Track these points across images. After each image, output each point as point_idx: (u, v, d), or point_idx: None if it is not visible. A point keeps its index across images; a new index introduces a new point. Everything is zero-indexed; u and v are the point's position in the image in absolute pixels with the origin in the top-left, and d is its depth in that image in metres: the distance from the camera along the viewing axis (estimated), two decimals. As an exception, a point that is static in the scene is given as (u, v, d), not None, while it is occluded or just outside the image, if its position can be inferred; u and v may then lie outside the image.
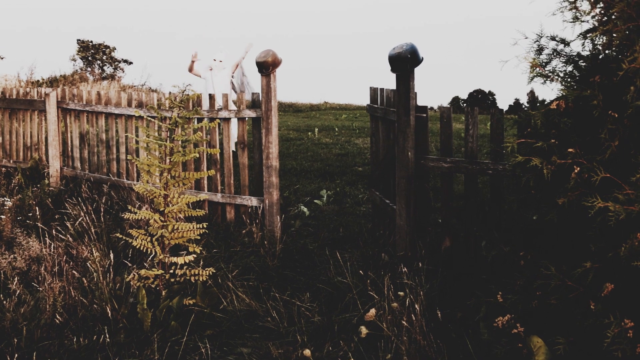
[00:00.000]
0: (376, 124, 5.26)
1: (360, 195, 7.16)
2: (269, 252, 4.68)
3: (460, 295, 3.52)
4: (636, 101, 2.28)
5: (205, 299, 3.77)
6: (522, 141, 2.84)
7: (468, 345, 3.02)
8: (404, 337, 3.00)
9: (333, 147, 11.22)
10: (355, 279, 3.91)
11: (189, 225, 3.78)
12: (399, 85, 4.29)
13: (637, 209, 2.18)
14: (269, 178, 5.13)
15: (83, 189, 6.00)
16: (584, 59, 2.94)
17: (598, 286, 2.41)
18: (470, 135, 4.07)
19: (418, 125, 4.31)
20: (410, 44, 4.23)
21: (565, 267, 2.54)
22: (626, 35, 2.50)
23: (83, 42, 27.38)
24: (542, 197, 2.88)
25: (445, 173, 4.23)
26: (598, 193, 2.41)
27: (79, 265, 3.99)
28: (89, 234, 4.37)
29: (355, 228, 5.59)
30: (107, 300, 3.42)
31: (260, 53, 5.07)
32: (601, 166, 2.41)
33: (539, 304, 2.73)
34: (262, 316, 3.71)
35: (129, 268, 4.03)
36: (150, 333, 3.36)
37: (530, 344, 2.60)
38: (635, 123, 2.42)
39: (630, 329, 2.23)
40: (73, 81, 22.74)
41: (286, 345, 3.28)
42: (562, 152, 2.67)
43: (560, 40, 3.02)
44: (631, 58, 2.29)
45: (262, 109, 5.14)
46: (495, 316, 2.94)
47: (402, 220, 4.34)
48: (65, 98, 6.86)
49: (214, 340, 3.48)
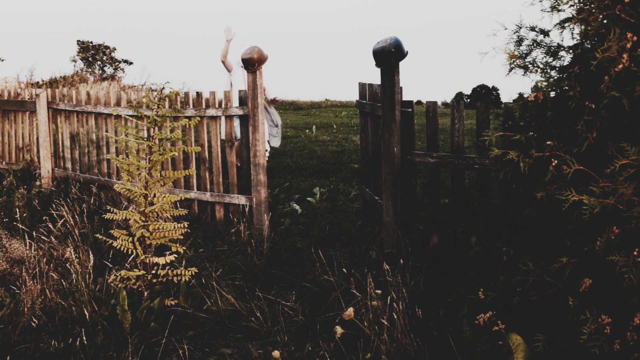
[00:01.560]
0: (365, 120, 5.20)
1: (354, 192, 7.10)
2: (256, 250, 4.63)
3: (444, 293, 3.47)
4: (611, 91, 2.22)
5: (188, 300, 3.72)
6: (501, 134, 2.78)
7: (451, 343, 2.96)
8: (384, 336, 2.95)
9: (330, 144, 11.16)
10: (340, 278, 3.85)
11: (171, 225, 3.74)
12: (384, 79, 4.23)
13: (612, 202, 2.12)
14: (256, 176, 5.08)
15: (73, 190, 5.97)
16: (564, 49, 2.88)
17: (576, 281, 2.35)
18: (456, 129, 4.01)
19: (404, 120, 4.24)
20: (394, 37, 4.16)
21: (544, 263, 2.48)
22: (602, 24, 2.43)
23: (83, 43, 27.37)
24: (524, 191, 2.81)
25: (431, 168, 4.17)
26: (576, 186, 2.35)
27: (60, 267, 3.95)
28: (73, 235, 4.33)
29: (346, 225, 5.53)
30: (86, 302, 3.38)
31: (246, 50, 5.01)
32: (576, 159, 2.35)
33: (520, 300, 2.67)
34: (245, 316, 3.66)
35: (111, 269, 3.99)
36: (129, 335, 3.32)
37: (509, 341, 2.54)
38: (613, 114, 2.36)
39: (607, 325, 2.17)
40: (73, 82, 22.75)
41: (266, 346, 3.23)
42: (541, 144, 2.60)
43: (540, 30, 2.95)
44: (605, 47, 2.22)
45: (249, 107, 5.08)
46: (477, 313, 2.88)
47: (389, 216, 4.28)
48: (56, 98, 6.83)
49: (196, 341, 3.43)
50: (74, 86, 21.93)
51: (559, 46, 2.90)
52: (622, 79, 2.24)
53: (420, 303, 3.33)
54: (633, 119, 2.25)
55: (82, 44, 27.25)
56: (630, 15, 2.33)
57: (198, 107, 5.51)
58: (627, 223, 2.15)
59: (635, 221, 2.11)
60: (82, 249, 4.11)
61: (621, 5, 2.33)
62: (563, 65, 2.86)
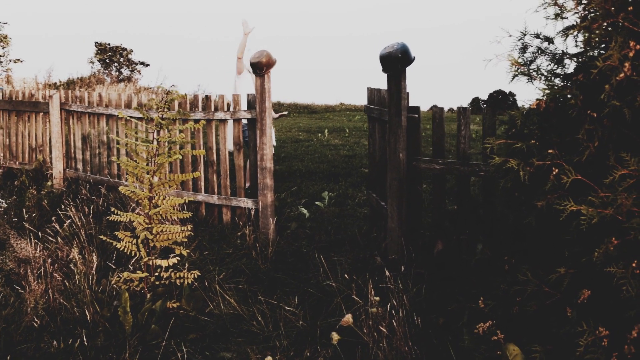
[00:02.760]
0: (373, 125, 5.19)
1: (363, 197, 7.08)
2: (261, 254, 4.63)
3: (446, 301, 3.44)
4: (612, 100, 2.19)
5: (191, 302, 3.73)
6: (503, 142, 2.75)
7: (450, 352, 2.94)
8: (383, 343, 2.93)
9: (341, 148, 11.15)
10: (342, 284, 3.84)
11: (175, 228, 3.75)
12: (391, 85, 4.22)
13: (610, 213, 2.09)
14: (263, 180, 5.09)
15: (83, 190, 6.02)
16: (569, 57, 2.85)
17: (575, 293, 2.32)
18: (462, 136, 3.98)
19: (410, 126, 4.23)
20: (401, 43, 4.15)
21: (543, 273, 2.45)
22: (606, 31, 2.40)
23: (101, 44, 27.66)
24: (525, 200, 2.78)
25: (437, 175, 4.15)
26: (576, 196, 2.32)
27: (65, 268, 3.98)
28: (79, 236, 4.36)
29: (353, 230, 5.51)
30: (88, 304, 3.40)
31: (255, 53, 5.03)
32: (577, 168, 2.32)
33: (519, 310, 2.64)
34: (247, 320, 3.66)
35: (115, 271, 4.01)
36: (130, 336, 3.33)
37: (507, 352, 2.51)
38: (615, 123, 2.32)
39: (605, 337, 2.13)
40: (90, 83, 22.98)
41: (265, 351, 3.22)
42: (543, 153, 2.57)
43: (544, 38, 2.92)
44: (606, 55, 2.19)
45: (257, 110, 5.10)
46: (477, 322, 2.85)
47: (393, 222, 4.26)
48: (68, 100, 6.90)
49: (197, 344, 3.43)
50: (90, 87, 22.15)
51: (563, 54, 2.87)
52: (623, 88, 2.21)
53: (421, 311, 3.31)
54: (634, 128, 2.21)
55: (100, 46, 27.54)
56: (634, 24, 2.30)
57: (207, 110, 5.53)
58: (627, 234, 2.11)
59: (635, 232, 2.07)
60: (88, 250, 4.14)
61: (624, 13, 2.30)
62: (567, 73, 2.83)
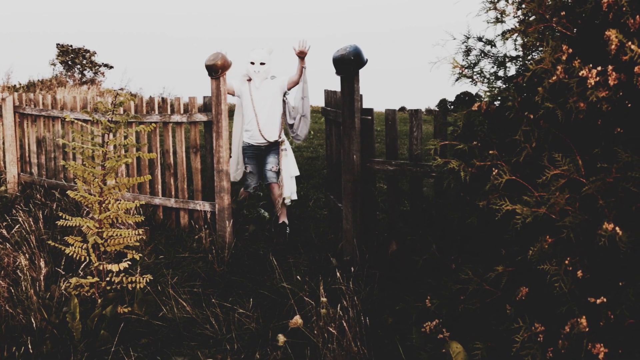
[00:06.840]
0: (330, 127, 5.22)
1: (323, 198, 7.10)
2: (217, 257, 4.61)
3: (396, 301, 3.47)
4: (546, 102, 2.25)
5: (143, 307, 3.69)
6: (446, 143, 2.80)
7: (399, 351, 2.97)
8: (332, 344, 2.94)
9: (305, 150, 11.15)
10: (297, 286, 3.85)
11: (125, 232, 3.71)
12: (344, 87, 4.24)
13: (543, 211, 2.14)
14: (220, 182, 5.06)
15: (37, 195, 5.90)
16: (510, 60, 2.91)
17: (513, 290, 2.37)
18: (415, 137, 4.03)
19: (364, 128, 4.26)
20: (354, 45, 4.18)
21: (482, 271, 2.50)
22: (543, 35, 2.46)
23: (63, 46, 27.11)
24: (470, 200, 2.83)
25: (391, 176, 4.19)
26: (514, 196, 2.37)
27: (13, 274, 3.89)
28: (29, 241, 4.27)
29: (311, 232, 5.53)
30: (35, 310, 3.33)
31: (210, 56, 5.00)
32: (514, 168, 2.37)
33: (463, 308, 2.69)
34: (201, 324, 3.64)
35: (65, 276, 3.94)
36: (79, 342, 3.28)
37: (450, 349, 2.55)
38: (551, 125, 2.39)
39: (540, 333, 2.18)
40: (51, 86, 22.49)
41: (217, 354, 3.21)
42: (484, 154, 2.63)
43: (487, 41, 2.98)
44: (538, 59, 2.25)
45: (213, 113, 5.07)
46: (426, 321, 2.89)
47: (348, 223, 4.29)
48: (22, 103, 6.75)
49: (149, 348, 3.40)
50: (52, 90, 21.69)
51: (505, 56, 2.93)
52: (556, 90, 2.27)
53: (372, 311, 3.34)
54: (566, 130, 2.28)
55: (62, 48, 26.99)
56: (567, 28, 2.37)
57: (163, 112, 5.48)
58: (560, 232, 2.17)
59: (567, 230, 2.13)
60: (38, 256, 4.06)
61: (557, 17, 2.36)
62: (509, 76, 2.90)
